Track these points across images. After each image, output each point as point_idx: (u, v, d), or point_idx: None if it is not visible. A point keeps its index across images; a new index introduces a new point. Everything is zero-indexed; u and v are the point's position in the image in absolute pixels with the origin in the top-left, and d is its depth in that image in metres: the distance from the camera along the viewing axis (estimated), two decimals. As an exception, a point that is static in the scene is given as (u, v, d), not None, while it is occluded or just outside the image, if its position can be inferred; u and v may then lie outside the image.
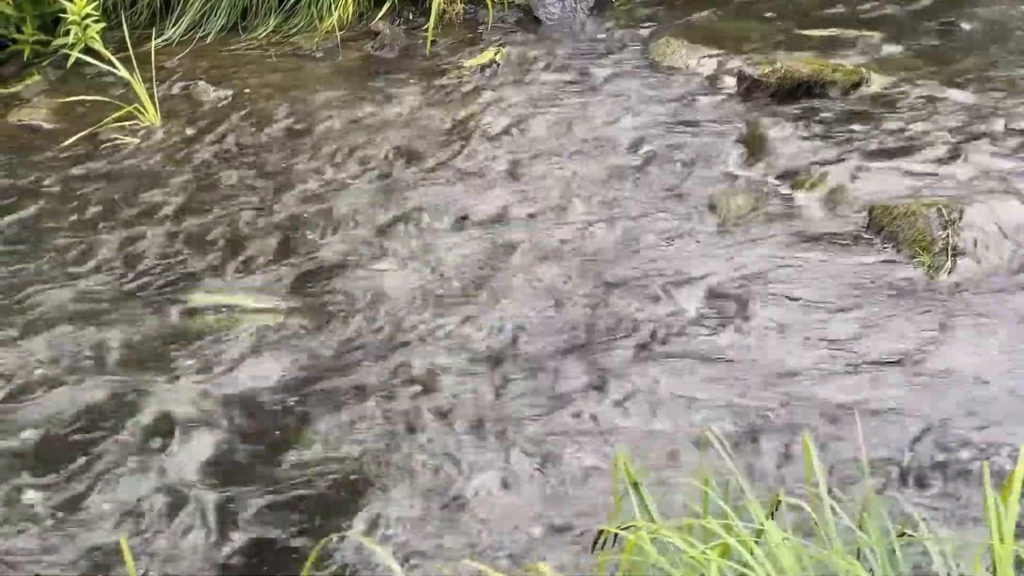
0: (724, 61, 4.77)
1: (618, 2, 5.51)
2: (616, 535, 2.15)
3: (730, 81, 4.62)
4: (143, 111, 4.91)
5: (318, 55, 5.39)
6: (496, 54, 5.08)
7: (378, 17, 5.52)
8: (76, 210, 4.34)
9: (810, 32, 4.99)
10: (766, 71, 4.49)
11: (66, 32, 5.34)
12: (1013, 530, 1.91)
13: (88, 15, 5.23)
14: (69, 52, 5.29)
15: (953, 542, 2.18)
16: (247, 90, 5.11)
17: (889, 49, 4.76)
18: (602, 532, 2.19)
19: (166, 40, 5.60)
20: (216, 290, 3.75)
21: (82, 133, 4.87)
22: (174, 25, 5.68)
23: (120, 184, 4.50)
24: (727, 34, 5.03)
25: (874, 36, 4.88)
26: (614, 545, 2.18)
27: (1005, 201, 3.63)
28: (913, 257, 3.49)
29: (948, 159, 3.91)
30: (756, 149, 4.15)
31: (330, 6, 5.54)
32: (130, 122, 4.90)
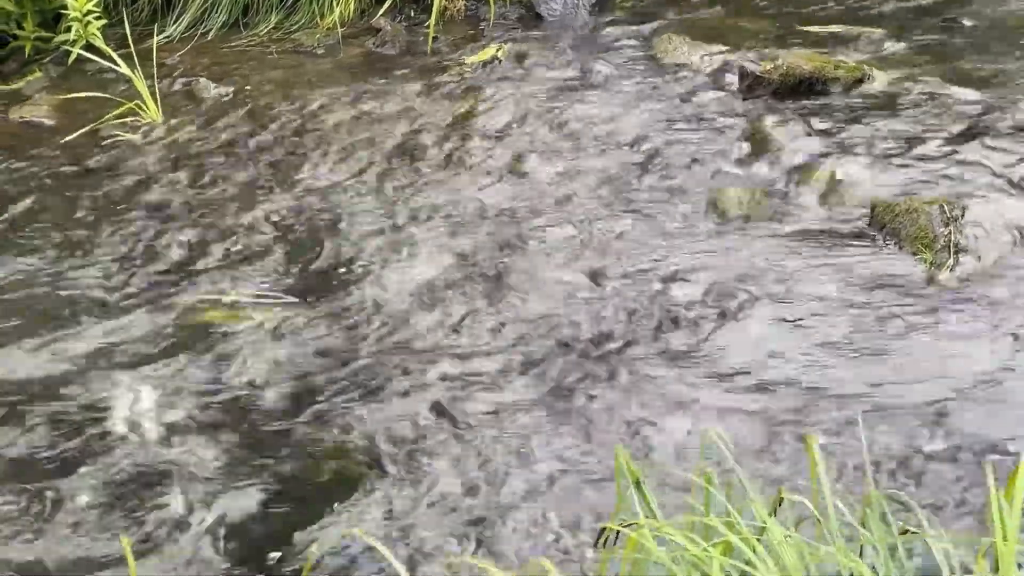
0: (726, 58, 4.76)
1: (620, -2, 5.51)
2: (618, 532, 2.15)
3: (732, 78, 4.60)
4: (144, 108, 4.90)
5: (319, 52, 5.39)
6: (498, 51, 5.07)
7: (379, 14, 5.51)
8: (77, 207, 4.34)
9: (812, 29, 4.98)
10: (768, 68, 4.48)
11: (67, 29, 5.34)
12: (1017, 528, 1.91)
13: (89, 12, 5.22)
14: (70, 49, 5.28)
15: (956, 540, 2.18)
16: (248, 87, 5.11)
17: (892, 46, 4.75)
18: (604, 529, 2.19)
19: (167, 37, 5.59)
20: (217, 286, 3.75)
21: (83, 130, 4.87)
22: (175, 22, 5.67)
23: (121, 181, 4.50)
24: (729, 31, 5.02)
25: (876, 33, 4.87)
26: (616, 543, 2.18)
27: (1008, 198, 3.62)
28: (915, 254, 3.49)
29: (950, 156, 3.90)
30: (758, 146, 4.15)
31: (331, 3, 5.53)
32: (131, 119, 4.89)
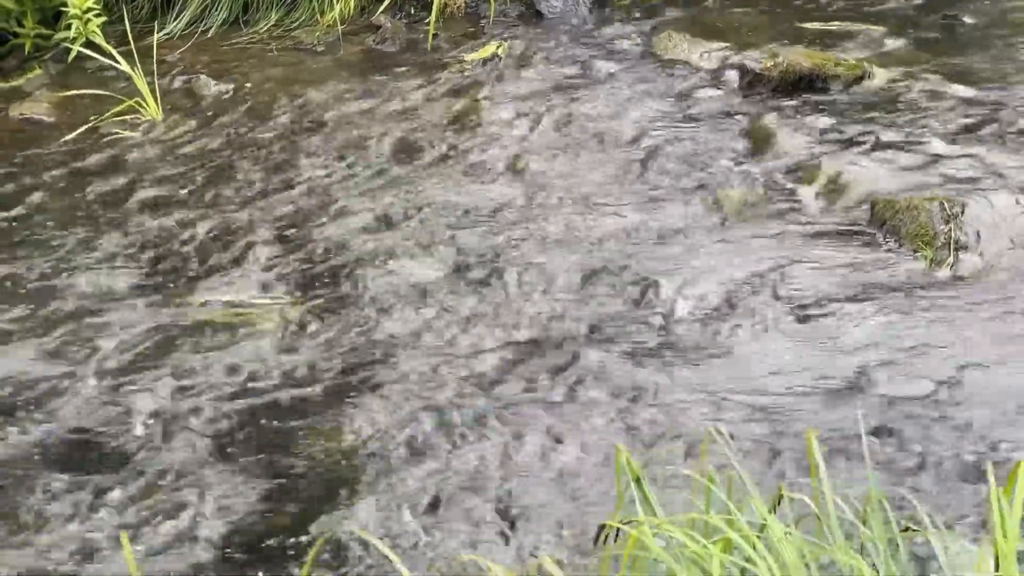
0: (726, 55, 4.77)
1: (620, -4, 5.50)
2: (618, 530, 2.15)
3: (732, 75, 4.61)
4: (144, 105, 4.90)
5: (319, 49, 5.38)
6: (498, 48, 5.07)
7: (379, 11, 5.51)
8: (77, 204, 4.33)
9: (812, 26, 4.98)
10: (768, 65, 4.48)
11: (67, 26, 5.33)
12: (1017, 526, 1.90)
13: (89, 9, 5.22)
14: (70, 46, 5.28)
15: (956, 537, 2.18)
16: (248, 84, 5.11)
17: (891, 43, 4.75)
18: (604, 527, 2.19)
19: (167, 34, 5.59)
20: (217, 284, 3.75)
21: (83, 127, 4.87)
22: (175, 19, 5.67)
23: (121, 178, 4.50)
24: (729, 28, 5.02)
25: (876, 30, 4.87)
26: (616, 540, 2.18)
27: (1007, 196, 3.62)
28: (915, 251, 3.49)
29: (950, 153, 3.90)
30: (758, 143, 4.14)
31: (331, 0, 5.53)
32: (131, 116, 4.90)
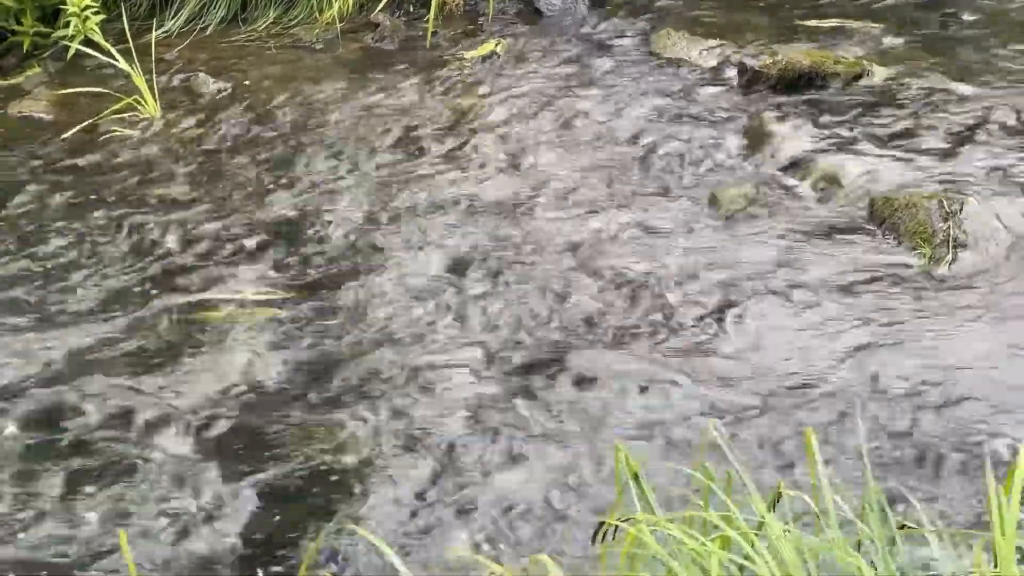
0: (725, 53, 4.76)
1: (619, -7, 5.50)
2: (616, 527, 2.14)
3: (731, 73, 4.60)
4: (143, 103, 4.90)
5: (318, 47, 5.38)
6: (497, 45, 5.07)
7: (378, 9, 5.50)
8: (75, 202, 4.33)
9: (811, 23, 4.97)
10: (767, 63, 4.48)
11: (66, 24, 5.32)
12: (1015, 523, 1.90)
13: (88, 7, 5.20)
14: (69, 44, 5.27)
15: (954, 534, 2.18)
16: (247, 82, 5.10)
17: (891, 41, 4.75)
18: (602, 524, 2.18)
19: (166, 32, 5.58)
20: (216, 282, 3.75)
21: (82, 125, 4.86)
22: (173, 17, 5.66)
23: (120, 176, 4.49)
24: (728, 26, 5.02)
25: (875, 28, 4.87)
26: (614, 538, 2.18)
27: (1006, 193, 3.62)
28: (914, 249, 3.49)
29: (949, 151, 3.90)
30: (757, 141, 4.14)
31: (330, -2, 5.53)
32: (130, 114, 4.89)
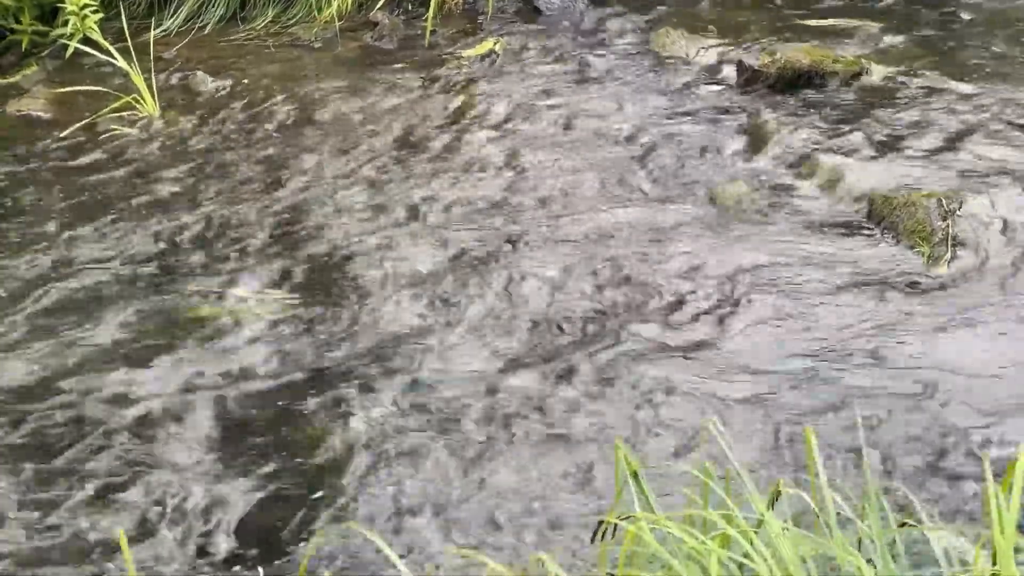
0: (724, 51, 4.77)
1: (618, -8, 5.50)
2: (616, 526, 2.15)
3: (730, 71, 4.61)
4: (141, 101, 4.90)
5: (317, 45, 5.38)
6: (495, 44, 5.07)
7: (377, 7, 5.50)
8: (74, 201, 4.33)
9: (810, 22, 4.98)
10: (766, 61, 4.48)
11: (64, 22, 5.32)
12: (1015, 521, 1.91)
13: (86, 5, 5.20)
14: (67, 42, 5.26)
15: (953, 533, 2.18)
16: (246, 80, 5.10)
17: (889, 39, 4.75)
18: (602, 523, 2.19)
19: (164, 30, 5.58)
20: (216, 281, 3.75)
21: (80, 123, 4.86)
22: (172, 15, 5.66)
23: (118, 174, 4.49)
24: (727, 24, 5.02)
25: (874, 26, 4.87)
26: (614, 536, 2.18)
27: (1005, 192, 3.63)
28: (913, 247, 3.49)
29: (948, 149, 3.91)
30: (756, 139, 4.15)
31: (329, -4, 5.52)
32: (128, 112, 4.89)
